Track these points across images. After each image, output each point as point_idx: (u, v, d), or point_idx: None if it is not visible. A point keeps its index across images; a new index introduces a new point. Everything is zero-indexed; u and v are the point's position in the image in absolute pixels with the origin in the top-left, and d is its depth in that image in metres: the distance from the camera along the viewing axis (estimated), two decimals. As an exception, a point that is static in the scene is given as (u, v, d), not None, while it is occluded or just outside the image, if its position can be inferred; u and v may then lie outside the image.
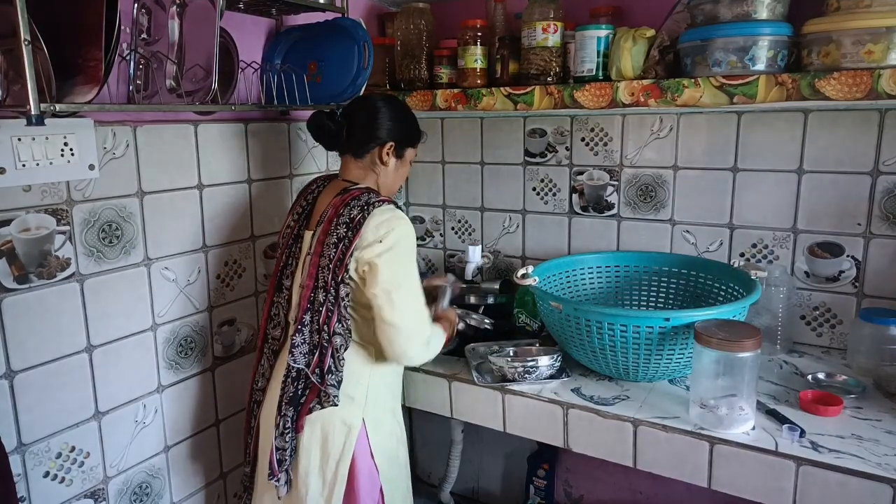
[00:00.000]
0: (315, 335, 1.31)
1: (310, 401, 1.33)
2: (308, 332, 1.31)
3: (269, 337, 1.46)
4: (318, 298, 1.30)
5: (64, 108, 1.06)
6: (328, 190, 1.45)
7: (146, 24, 1.28)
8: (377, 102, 1.44)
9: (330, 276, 1.29)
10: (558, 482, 2.18)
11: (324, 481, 1.36)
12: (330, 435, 1.35)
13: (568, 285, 1.81)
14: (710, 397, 1.28)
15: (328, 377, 1.30)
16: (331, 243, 1.29)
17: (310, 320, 1.31)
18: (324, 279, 1.30)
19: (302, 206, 1.46)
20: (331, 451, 1.35)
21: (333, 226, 1.30)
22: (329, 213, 1.33)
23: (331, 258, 1.29)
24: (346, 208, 1.31)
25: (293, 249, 1.43)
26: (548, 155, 2.00)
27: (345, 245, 1.28)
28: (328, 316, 1.30)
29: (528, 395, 1.47)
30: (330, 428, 1.35)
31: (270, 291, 1.46)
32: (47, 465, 1.29)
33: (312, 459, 1.35)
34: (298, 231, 1.44)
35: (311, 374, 1.31)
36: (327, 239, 1.30)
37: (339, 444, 1.35)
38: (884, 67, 1.29)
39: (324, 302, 1.30)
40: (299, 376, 1.33)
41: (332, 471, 1.35)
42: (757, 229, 1.73)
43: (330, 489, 1.35)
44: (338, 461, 1.35)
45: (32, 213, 1.22)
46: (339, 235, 1.29)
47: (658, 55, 1.57)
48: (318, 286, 1.30)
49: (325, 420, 1.34)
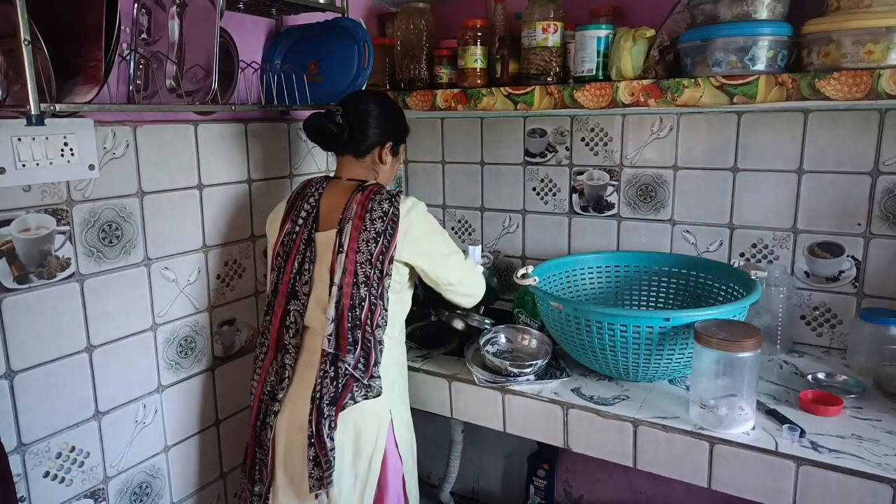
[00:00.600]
0: (356, 331, 1.32)
1: (343, 397, 1.32)
2: (350, 328, 1.32)
3: (287, 346, 1.40)
4: (359, 294, 1.32)
5: (64, 108, 1.06)
6: (335, 190, 1.44)
7: (146, 24, 1.28)
8: (373, 103, 1.45)
9: (373, 271, 1.32)
10: (558, 482, 2.18)
11: (356, 477, 1.37)
12: (363, 430, 1.36)
13: (568, 285, 1.81)
14: (710, 397, 1.28)
15: (374, 369, 1.33)
16: (369, 239, 1.33)
17: (352, 317, 1.32)
18: (364, 274, 1.32)
19: (306, 210, 1.42)
20: (363, 446, 1.36)
21: (366, 221, 1.33)
22: (356, 209, 1.35)
23: (371, 253, 1.32)
24: (372, 203, 1.35)
25: (307, 254, 1.40)
26: (548, 155, 2.00)
27: (386, 239, 1.33)
28: (371, 310, 1.33)
29: (528, 395, 1.47)
30: (362, 423, 1.35)
31: (282, 300, 1.41)
32: (47, 465, 1.29)
33: (346, 457, 1.35)
34: (309, 235, 1.41)
35: (353, 370, 1.32)
36: (361, 235, 1.33)
37: (372, 438, 1.37)
38: (884, 67, 1.29)
39: (366, 297, 1.32)
40: (337, 375, 1.32)
41: (364, 466, 1.37)
42: (757, 229, 1.73)
43: (363, 484, 1.37)
44: (371, 455, 1.37)
45: (32, 213, 1.22)
46: (378, 230, 1.33)
47: (658, 55, 1.57)
48: (359, 282, 1.32)
49: (356, 416, 1.34)
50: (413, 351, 1.74)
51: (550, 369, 1.57)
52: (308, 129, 1.46)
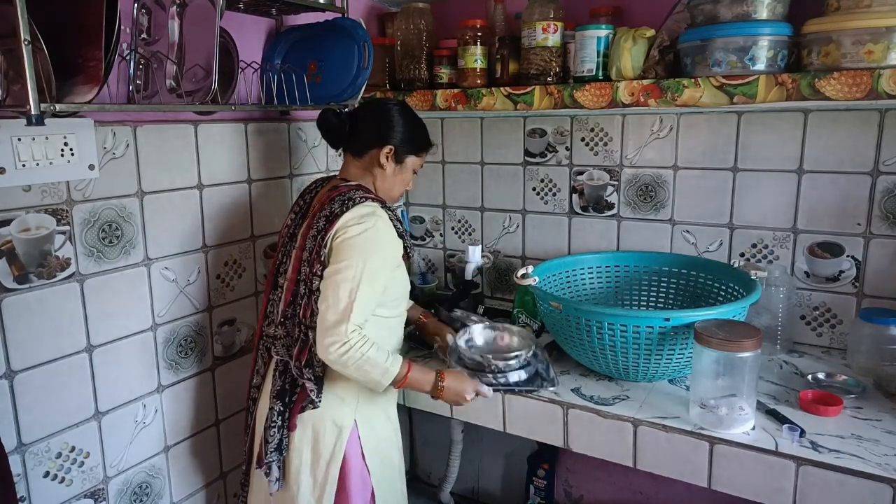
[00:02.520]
0: (296, 328, 1.34)
1: (302, 399, 1.34)
2: (290, 325, 1.35)
3: (264, 334, 1.46)
4: (299, 291, 1.33)
5: (64, 108, 1.06)
6: (325, 189, 1.46)
7: (146, 24, 1.28)
8: (386, 105, 1.45)
9: (308, 269, 1.32)
10: (558, 482, 2.18)
11: (315, 481, 1.36)
12: (321, 435, 1.35)
13: (568, 285, 1.81)
14: (710, 397, 1.28)
15: (305, 371, 1.32)
16: (311, 236, 1.32)
17: (292, 313, 1.35)
18: (304, 273, 1.33)
19: (300, 206, 1.46)
20: (322, 451, 1.36)
21: (315, 219, 1.33)
22: (315, 208, 1.37)
23: (310, 251, 1.32)
24: (330, 203, 1.33)
25: (288, 248, 1.43)
26: (548, 155, 2.00)
27: (321, 237, 1.30)
28: (306, 309, 1.32)
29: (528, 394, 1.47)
30: (321, 428, 1.35)
31: (267, 290, 1.47)
32: (47, 465, 1.29)
33: (304, 459, 1.36)
34: (294, 230, 1.44)
35: (293, 365, 1.33)
36: (309, 232, 1.33)
37: (330, 444, 1.35)
38: (884, 67, 1.29)
39: (304, 295, 1.32)
40: (286, 370, 1.35)
41: (322, 471, 1.36)
42: (757, 229, 1.73)
43: (321, 489, 1.36)
44: (328, 462, 1.35)
45: (32, 213, 1.22)
46: (319, 228, 1.31)
47: (658, 55, 1.57)
48: (300, 279, 1.33)
49: (316, 420, 1.35)
50: (413, 351, 1.74)
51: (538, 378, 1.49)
52: (318, 122, 1.47)
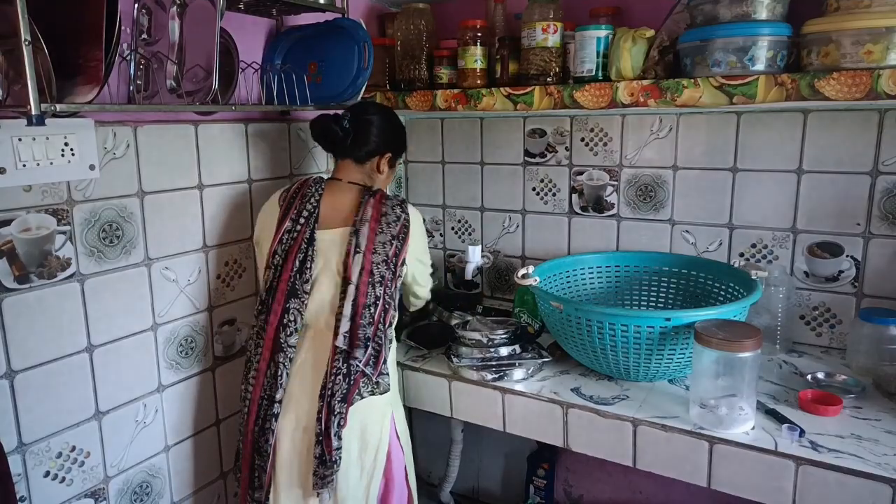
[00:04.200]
0: (369, 328, 1.36)
1: (352, 394, 1.35)
2: (364, 325, 1.36)
3: (284, 345, 1.37)
4: (374, 293, 1.37)
5: (64, 108, 1.06)
6: (337, 191, 1.49)
7: (146, 24, 1.28)
8: (378, 114, 1.53)
9: (388, 271, 1.39)
10: (558, 482, 2.18)
11: (362, 470, 1.40)
12: (368, 424, 1.39)
13: (568, 285, 1.81)
14: (710, 397, 1.29)
15: (383, 366, 1.38)
16: (385, 241, 1.40)
17: (367, 314, 1.36)
18: (380, 274, 1.38)
19: (308, 210, 1.43)
20: (369, 439, 1.40)
21: (382, 224, 1.41)
22: (371, 212, 1.42)
23: (387, 254, 1.39)
24: (384, 207, 1.44)
25: (308, 252, 1.40)
26: (547, 155, 2.00)
27: (399, 241, 1.42)
28: (385, 309, 1.38)
29: (528, 394, 1.48)
30: (367, 417, 1.39)
31: (281, 298, 1.38)
32: (48, 464, 1.29)
33: (352, 451, 1.38)
34: (311, 234, 1.41)
35: (364, 366, 1.35)
36: (378, 237, 1.39)
37: (377, 431, 1.41)
38: (883, 67, 1.29)
39: (380, 296, 1.37)
40: (349, 372, 1.34)
41: (371, 459, 1.41)
42: (756, 229, 1.73)
43: (369, 478, 1.41)
44: (377, 449, 1.41)
45: (33, 213, 1.22)
46: (394, 233, 1.42)
47: (658, 55, 1.57)
48: (374, 281, 1.37)
49: (362, 411, 1.38)
50: (413, 351, 1.74)
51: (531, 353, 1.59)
52: (314, 128, 1.51)
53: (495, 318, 1.76)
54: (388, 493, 1.47)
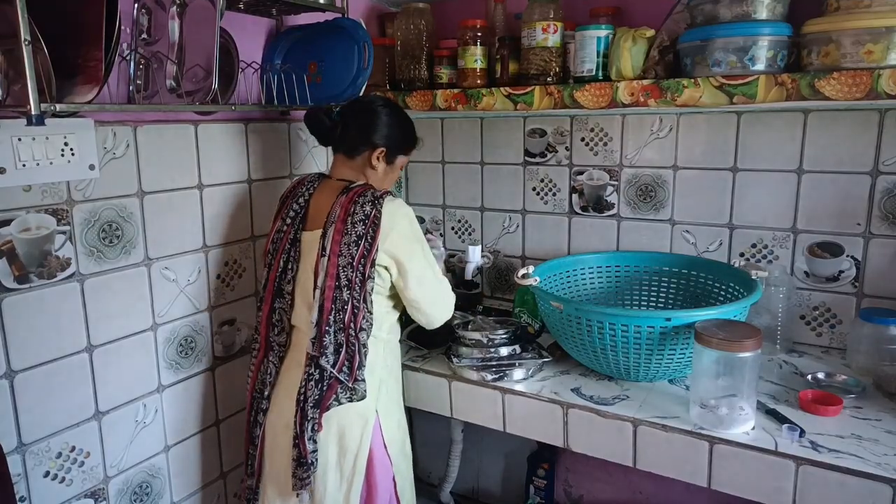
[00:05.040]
0: (340, 334, 1.33)
1: (328, 398, 1.33)
2: (333, 331, 1.32)
3: (273, 344, 1.43)
4: (341, 297, 1.32)
5: (64, 108, 1.06)
6: (324, 190, 1.44)
7: (146, 24, 1.28)
8: (376, 106, 1.45)
9: (354, 274, 1.32)
10: (558, 482, 2.18)
11: (342, 476, 1.38)
12: (347, 429, 1.36)
13: (568, 285, 1.81)
14: (711, 397, 1.29)
15: (358, 372, 1.33)
16: (350, 242, 1.32)
17: (334, 320, 1.32)
18: (347, 277, 1.32)
19: (294, 210, 1.43)
20: (348, 445, 1.37)
21: (348, 224, 1.32)
22: (339, 212, 1.34)
23: (353, 256, 1.32)
24: (355, 206, 1.33)
25: (291, 253, 1.41)
26: (548, 155, 2.00)
27: (367, 242, 1.32)
28: (354, 313, 1.33)
29: (528, 394, 1.47)
30: (346, 422, 1.36)
31: (269, 298, 1.43)
32: (47, 464, 1.29)
33: (330, 456, 1.36)
34: (295, 234, 1.42)
35: (338, 373, 1.32)
36: (344, 238, 1.32)
37: (357, 437, 1.37)
38: (883, 67, 1.29)
39: (348, 300, 1.32)
40: (322, 378, 1.32)
41: (350, 465, 1.37)
42: (757, 229, 1.73)
43: (348, 484, 1.38)
44: (356, 455, 1.38)
45: (33, 213, 1.22)
46: (359, 233, 1.32)
47: (658, 55, 1.57)
48: (341, 285, 1.32)
49: (340, 415, 1.35)
50: (413, 351, 1.74)
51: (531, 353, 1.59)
52: (306, 120, 1.49)
53: (496, 317, 1.76)
54: (372, 501, 1.42)
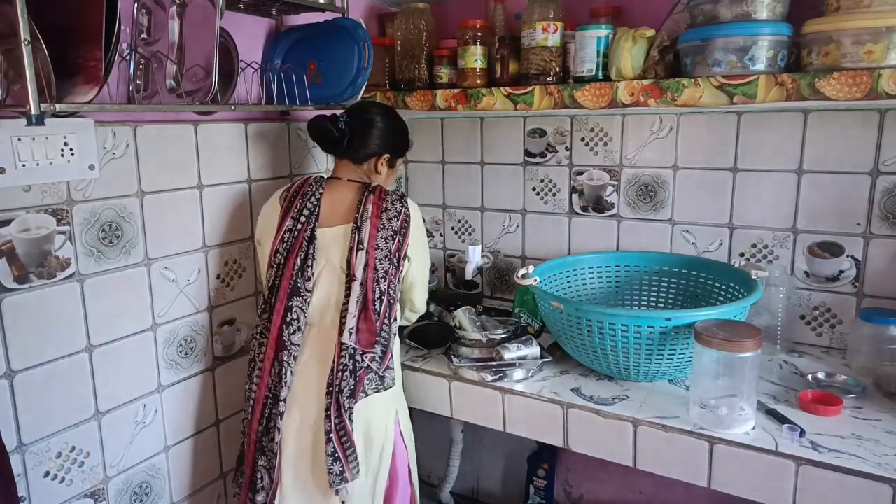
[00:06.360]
0: (377, 324, 1.36)
1: (358, 390, 1.35)
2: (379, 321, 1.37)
3: (288, 343, 1.38)
4: (379, 288, 1.37)
5: (64, 108, 1.06)
6: (337, 189, 1.49)
7: (146, 24, 1.28)
8: (379, 115, 1.52)
9: (391, 266, 1.39)
10: (558, 482, 2.18)
11: (368, 467, 1.39)
12: (372, 421, 1.39)
13: (568, 285, 1.81)
14: (711, 397, 1.29)
15: (390, 361, 1.38)
16: (387, 236, 1.40)
17: (376, 310, 1.37)
18: (384, 269, 1.38)
19: (308, 208, 1.44)
20: (374, 436, 1.39)
21: (384, 220, 1.41)
22: (371, 209, 1.41)
23: (389, 249, 1.39)
24: (386, 203, 1.44)
25: (309, 251, 1.40)
26: (548, 155, 2.00)
27: (401, 236, 1.42)
28: (390, 304, 1.39)
29: (528, 394, 1.47)
30: (372, 414, 1.39)
31: (283, 297, 1.39)
32: (47, 464, 1.29)
33: (357, 448, 1.37)
34: (311, 232, 1.42)
35: (371, 363, 1.36)
36: (380, 233, 1.40)
37: (382, 428, 1.41)
38: (884, 67, 1.29)
39: (385, 291, 1.38)
40: (356, 368, 1.35)
41: (376, 457, 1.40)
42: (757, 229, 1.73)
43: (375, 475, 1.40)
44: (382, 446, 1.41)
45: (32, 213, 1.22)
46: (395, 228, 1.41)
47: (658, 55, 1.57)
48: (378, 277, 1.37)
49: (366, 407, 1.37)
50: (413, 351, 1.74)
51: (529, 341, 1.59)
52: (311, 129, 1.51)
53: (496, 317, 1.75)
54: (392, 490, 1.47)
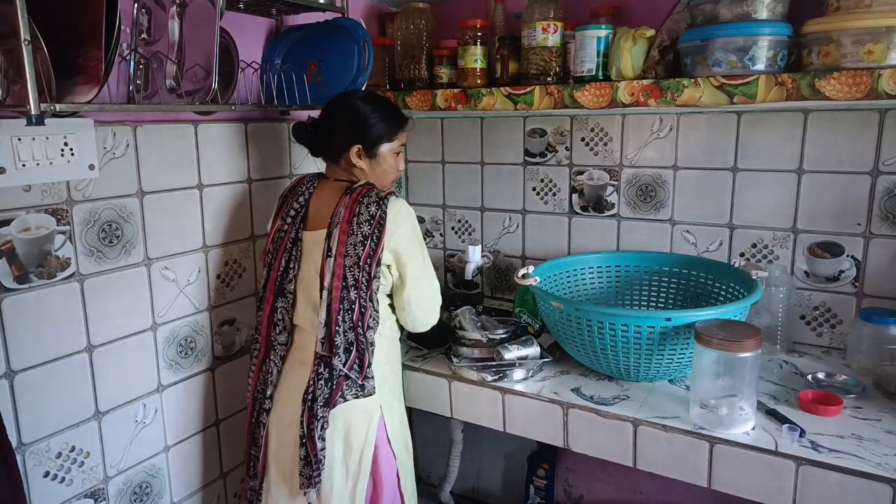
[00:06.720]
0: (349, 333, 1.34)
1: (334, 396, 1.34)
2: (343, 331, 1.34)
3: (274, 343, 1.43)
4: (349, 297, 1.34)
5: (64, 108, 1.06)
6: (325, 190, 1.46)
7: (146, 24, 1.28)
8: (339, 107, 1.45)
9: (361, 274, 1.33)
10: (558, 482, 2.18)
11: (347, 472, 1.38)
12: (353, 426, 1.37)
13: (568, 285, 1.81)
14: (711, 397, 1.28)
15: (368, 370, 1.35)
16: (356, 242, 1.33)
17: (342, 320, 1.34)
18: (353, 277, 1.34)
19: (295, 209, 1.44)
20: (353, 441, 1.38)
21: (354, 225, 1.34)
22: (343, 213, 1.36)
23: (359, 256, 1.33)
24: (359, 207, 1.35)
25: (293, 252, 1.42)
26: (548, 155, 2.00)
27: (373, 242, 1.34)
28: (361, 312, 1.34)
29: (528, 394, 1.47)
30: (352, 419, 1.37)
31: (270, 297, 1.43)
32: (47, 464, 1.29)
33: (336, 453, 1.37)
34: (296, 234, 1.42)
35: (349, 371, 1.33)
36: (349, 239, 1.34)
37: (362, 433, 1.38)
38: (884, 67, 1.29)
39: (356, 300, 1.34)
40: (331, 377, 1.33)
41: (355, 461, 1.38)
42: (757, 229, 1.73)
43: (354, 480, 1.38)
44: (361, 451, 1.38)
45: (32, 213, 1.22)
46: (365, 233, 1.34)
47: (658, 55, 1.57)
48: (348, 285, 1.34)
49: (346, 412, 1.36)
50: (413, 351, 1.74)
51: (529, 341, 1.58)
52: (293, 134, 1.52)
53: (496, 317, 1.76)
54: (377, 497, 1.43)
